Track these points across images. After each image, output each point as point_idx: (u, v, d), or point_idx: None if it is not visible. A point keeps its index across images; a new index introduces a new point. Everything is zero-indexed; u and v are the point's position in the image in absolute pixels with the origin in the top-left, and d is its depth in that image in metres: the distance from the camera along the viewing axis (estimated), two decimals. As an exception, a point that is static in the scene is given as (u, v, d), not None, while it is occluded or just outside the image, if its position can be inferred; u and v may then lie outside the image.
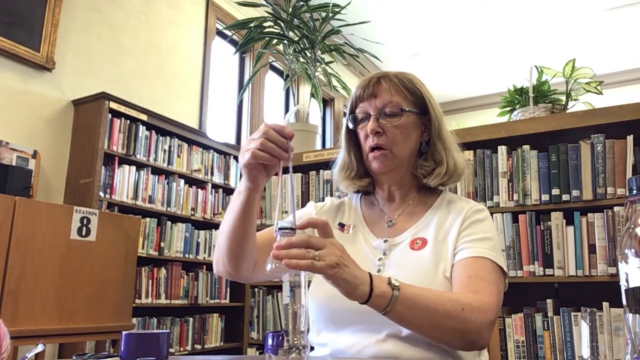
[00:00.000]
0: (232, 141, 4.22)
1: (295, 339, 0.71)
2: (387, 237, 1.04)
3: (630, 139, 1.88)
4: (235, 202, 0.92)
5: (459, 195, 1.14)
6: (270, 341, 0.72)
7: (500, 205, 2.06)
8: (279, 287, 2.59)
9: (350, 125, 1.08)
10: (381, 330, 0.93)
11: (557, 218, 1.94)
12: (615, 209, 1.85)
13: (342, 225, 1.10)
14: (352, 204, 1.15)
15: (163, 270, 3.12)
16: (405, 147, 1.04)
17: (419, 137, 1.07)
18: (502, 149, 2.08)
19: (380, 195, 1.12)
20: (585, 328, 1.82)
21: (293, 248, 0.74)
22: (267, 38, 2.79)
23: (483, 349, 0.93)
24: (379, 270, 0.99)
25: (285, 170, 0.84)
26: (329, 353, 0.98)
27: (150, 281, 3.02)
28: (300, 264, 0.73)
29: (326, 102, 5.73)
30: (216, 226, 3.58)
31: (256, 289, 2.56)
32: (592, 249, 1.87)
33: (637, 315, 0.59)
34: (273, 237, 0.97)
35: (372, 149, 1.03)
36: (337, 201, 1.17)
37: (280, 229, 0.75)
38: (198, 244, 3.42)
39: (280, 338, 0.71)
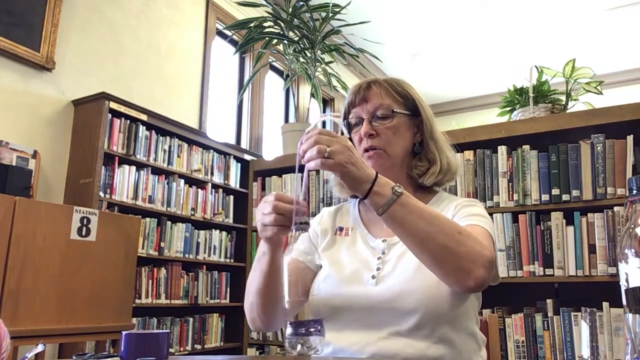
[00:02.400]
0: (232, 141, 4.22)
1: (304, 330, 0.73)
2: (385, 237, 1.05)
3: (630, 139, 1.88)
4: (262, 262, 0.96)
5: (454, 196, 1.16)
6: (289, 331, 0.74)
7: (500, 205, 2.06)
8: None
9: (345, 131, 1.11)
10: (382, 327, 0.94)
11: (557, 218, 1.94)
12: (615, 209, 1.85)
13: (341, 229, 1.12)
14: (350, 208, 1.18)
15: (163, 270, 3.12)
16: (398, 147, 1.07)
17: (411, 138, 1.10)
18: (502, 149, 2.08)
19: None
20: (585, 328, 1.82)
21: (306, 153, 0.84)
22: (267, 38, 2.79)
23: (475, 289, 0.89)
24: (378, 269, 0.99)
25: (301, 169, 0.87)
26: (330, 351, 0.99)
27: (150, 281, 3.02)
28: (312, 165, 0.83)
29: (326, 102, 5.73)
30: (216, 226, 3.57)
31: (256, 289, 2.55)
32: (592, 249, 1.87)
33: (637, 315, 0.59)
34: (297, 272, 1.03)
35: (366, 150, 1.06)
36: (333, 208, 1.20)
37: (296, 223, 0.80)
38: (198, 244, 3.42)
39: (297, 328, 0.74)
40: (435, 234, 0.85)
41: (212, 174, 3.61)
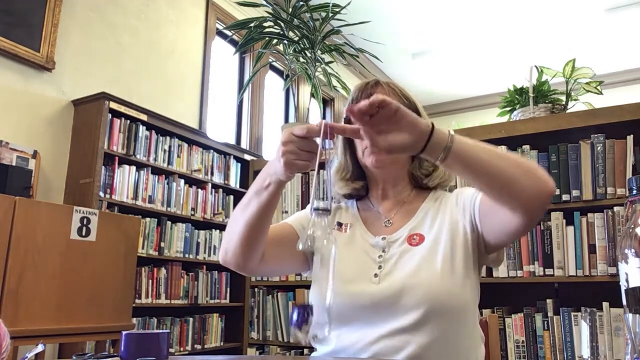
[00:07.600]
0: (232, 141, 4.22)
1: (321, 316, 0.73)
2: (384, 235, 1.05)
3: (630, 139, 1.88)
4: (262, 193, 0.93)
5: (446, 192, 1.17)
6: (295, 316, 0.73)
7: (500, 205, 2.06)
8: (279, 287, 2.59)
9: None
10: (384, 324, 0.94)
11: (557, 218, 1.94)
12: (615, 209, 1.85)
13: (340, 225, 1.13)
14: (348, 207, 1.18)
15: (163, 270, 3.12)
16: None
17: None
18: (502, 149, 2.08)
19: (374, 196, 1.14)
20: (585, 328, 1.82)
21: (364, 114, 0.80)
22: (267, 38, 2.79)
23: (547, 203, 0.88)
24: (380, 267, 1.00)
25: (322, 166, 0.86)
26: (332, 350, 0.98)
27: (150, 281, 3.02)
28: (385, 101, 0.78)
29: (326, 102, 5.73)
30: (216, 226, 3.57)
31: (256, 289, 2.56)
32: (592, 249, 1.87)
33: (637, 315, 0.59)
34: (283, 231, 1.07)
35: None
36: (334, 204, 1.20)
37: (315, 209, 0.77)
38: (198, 244, 3.42)
39: (306, 314, 0.73)
40: (502, 158, 0.86)
41: (212, 174, 3.61)
